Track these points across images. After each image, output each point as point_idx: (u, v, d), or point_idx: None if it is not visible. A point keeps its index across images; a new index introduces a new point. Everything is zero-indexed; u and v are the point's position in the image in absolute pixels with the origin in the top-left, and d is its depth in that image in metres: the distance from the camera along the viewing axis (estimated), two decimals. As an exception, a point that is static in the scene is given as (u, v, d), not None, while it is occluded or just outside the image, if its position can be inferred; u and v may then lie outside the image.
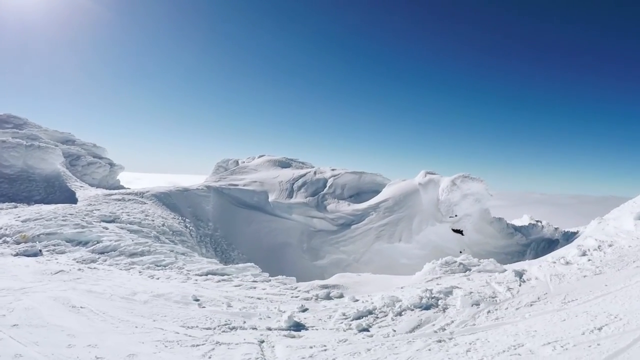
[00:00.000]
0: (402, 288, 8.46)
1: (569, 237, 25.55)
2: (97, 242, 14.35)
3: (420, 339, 5.91)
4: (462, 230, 27.58)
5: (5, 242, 14.42)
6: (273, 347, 5.38)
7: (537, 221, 29.90)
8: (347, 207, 29.23)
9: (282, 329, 5.91)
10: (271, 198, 30.14)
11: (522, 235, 28.33)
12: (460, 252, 27.37)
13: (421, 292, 7.66)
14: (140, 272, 8.74)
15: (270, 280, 8.81)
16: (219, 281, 8.30)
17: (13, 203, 21.50)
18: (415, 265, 26.40)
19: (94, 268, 8.82)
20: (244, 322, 6.15)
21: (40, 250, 12.85)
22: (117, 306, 6.18)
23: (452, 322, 6.46)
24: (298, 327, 6.14)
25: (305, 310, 6.72)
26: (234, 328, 5.88)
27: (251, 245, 27.48)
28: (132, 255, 11.76)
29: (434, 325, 6.38)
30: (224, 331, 5.74)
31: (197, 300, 6.80)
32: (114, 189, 32.30)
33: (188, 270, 9.19)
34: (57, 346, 4.56)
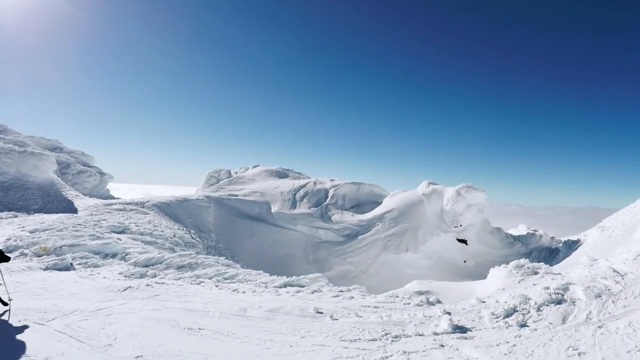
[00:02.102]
0: (503, 289, 8.50)
1: (571, 245, 26.33)
2: (125, 254, 13.59)
3: (582, 327, 6.05)
4: (466, 240, 27.97)
5: (23, 254, 13.46)
6: (457, 349, 5.26)
7: (535, 231, 30.72)
8: (351, 218, 29.11)
9: (449, 332, 5.87)
10: (274, 209, 29.66)
11: (522, 245, 29.02)
12: (465, 261, 27.80)
13: (542, 289, 7.83)
14: (217, 286, 8.20)
15: (350, 290, 8.54)
16: (312, 292, 7.93)
17: (12, 212, 20.17)
18: (422, 275, 26.49)
19: (162, 283, 8.22)
20: (402, 330, 5.92)
21: (71, 264, 12.05)
22: (240, 324, 5.67)
23: (590, 312, 6.66)
24: (462, 329, 6.09)
25: (448, 313, 6.63)
26: (398, 337, 5.63)
27: (255, 257, 26.83)
28: (180, 268, 11.10)
29: (576, 316, 6.57)
30: (393, 341, 5.46)
31: (321, 312, 6.46)
32: (104, 199, 31.00)
33: (263, 282, 8.72)
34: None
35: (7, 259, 6.72)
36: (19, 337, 4.93)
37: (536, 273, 10.49)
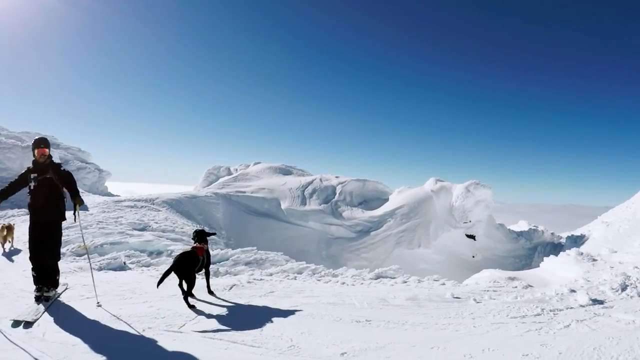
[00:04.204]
0: (588, 272, 8.99)
1: (575, 240, 27.15)
2: (171, 252, 13.20)
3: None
4: (474, 236, 28.53)
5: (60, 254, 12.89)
6: (610, 316, 5.73)
7: (536, 227, 31.63)
8: (362, 214, 29.24)
9: (591, 304, 6.32)
10: (283, 205, 29.43)
11: (525, 240, 29.82)
12: (473, 256, 28.35)
13: (632, 268, 8.45)
14: (319, 280, 8.06)
15: (437, 280, 8.59)
16: (419, 281, 7.91)
17: (23, 209, 19.22)
18: (434, 270, 26.87)
19: (261, 279, 8.01)
20: (551, 305, 6.30)
21: (124, 263, 11.61)
22: (400, 313, 5.69)
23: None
24: (598, 301, 6.56)
25: (574, 291, 7.09)
26: (553, 310, 6.02)
27: (268, 254, 26.62)
28: (247, 264, 10.83)
29: None
30: (555, 314, 5.89)
31: (458, 297, 6.59)
32: (104, 196, 29.98)
33: (355, 275, 8.65)
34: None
35: (213, 233, 6.83)
36: (173, 349, 4.35)
37: (595, 260, 10.95)
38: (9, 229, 11.51)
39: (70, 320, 5.30)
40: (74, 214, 6.46)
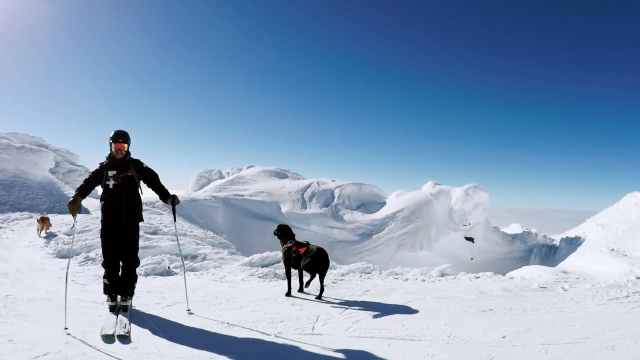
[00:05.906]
0: (632, 264, 9.62)
1: (571, 242, 28.07)
2: (205, 255, 12.83)
3: None
4: (473, 238, 29.11)
5: (89, 259, 12.26)
6: None
7: (529, 229, 32.59)
8: (363, 217, 29.36)
9: None
10: (284, 209, 29.20)
11: (521, 242, 30.66)
12: (472, 259, 28.91)
13: None
14: (396, 279, 7.95)
15: (497, 275, 8.83)
16: (490, 277, 8.02)
17: (26, 212, 18.26)
18: (435, 272, 27.32)
19: (341, 279, 7.96)
20: (631, 289, 6.79)
21: (168, 267, 11.18)
22: (511, 303, 6.00)
23: None
24: None
25: (639, 278, 7.74)
26: (636, 293, 6.57)
27: (270, 258, 26.30)
28: (294, 265, 10.77)
29: None
30: (629, 300, 6.32)
31: (545, 287, 7.03)
32: (94, 199, 28.93)
33: (424, 273, 8.66)
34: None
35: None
36: (333, 349, 4.17)
37: (625, 255, 11.68)
38: (44, 220, 13.35)
39: (172, 331, 4.77)
40: (174, 215, 6.00)
